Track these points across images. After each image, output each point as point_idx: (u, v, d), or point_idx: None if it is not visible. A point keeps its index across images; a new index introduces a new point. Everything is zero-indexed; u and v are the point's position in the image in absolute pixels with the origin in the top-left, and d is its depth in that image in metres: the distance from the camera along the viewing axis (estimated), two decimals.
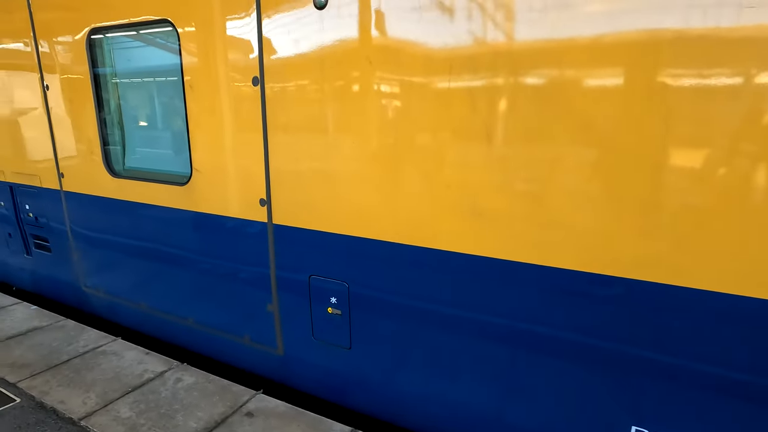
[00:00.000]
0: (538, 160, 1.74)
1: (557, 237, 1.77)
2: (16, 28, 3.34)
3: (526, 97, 1.72)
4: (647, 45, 1.49)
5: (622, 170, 1.60)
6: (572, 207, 1.71)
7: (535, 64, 1.68)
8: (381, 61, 1.99)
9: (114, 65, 3.06)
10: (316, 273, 2.46)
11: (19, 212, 3.98)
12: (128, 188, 3.11)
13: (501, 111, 1.78)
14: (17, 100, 3.60)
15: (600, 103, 1.60)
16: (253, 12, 2.28)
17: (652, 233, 1.59)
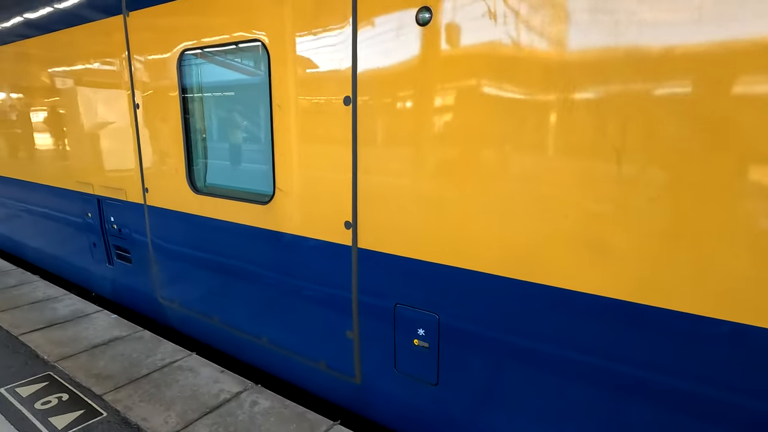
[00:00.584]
0: (691, 190, 1.50)
1: (706, 281, 1.52)
2: (112, 49, 3.52)
3: (673, 111, 1.50)
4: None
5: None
6: (736, 251, 1.46)
7: (684, 71, 1.46)
8: (490, 79, 1.84)
9: (201, 85, 3.13)
10: (403, 302, 2.33)
11: (104, 223, 4.17)
12: (210, 205, 3.15)
13: (639, 130, 1.57)
14: (108, 118, 3.79)
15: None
16: (347, 32, 2.21)
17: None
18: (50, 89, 4.32)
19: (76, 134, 4.15)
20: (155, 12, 3.12)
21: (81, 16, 3.72)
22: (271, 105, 2.62)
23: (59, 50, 4.07)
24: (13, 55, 4.67)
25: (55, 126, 4.41)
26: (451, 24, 1.91)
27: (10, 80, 4.85)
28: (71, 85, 4.05)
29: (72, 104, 4.13)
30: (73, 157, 4.28)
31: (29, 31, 4.34)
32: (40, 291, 4.52)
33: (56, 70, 4.17)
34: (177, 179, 3.31)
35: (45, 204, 4.89)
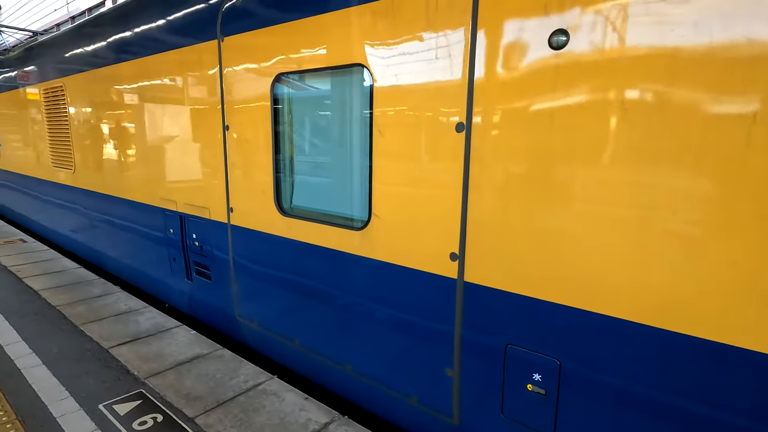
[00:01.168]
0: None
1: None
2: (204, 73, 3.62)
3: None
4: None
5: None
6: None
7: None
8: (638, 107, 1.68)
9: (294, 108, 3.14)
10: (516, 342, 2.16)
11: (186, 240, 4.28)
12: (297, 228, 3.13)
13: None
14: (196, 139, 3.90)
15: None
16: (464, 57, 2.12)
17: None
18: (139, 110, 4.53)
19: (163, 153, 4.31)
20: (251, 37, 3.18)
21: (174, 42, 3.87)
22: (371, 129, 2.57)
23: (150, 73, 4.26)
24: (105, 77, 4.96)
25: (141, 145, 4.61)
26: (588, 46, 1.76)
27: (101, 101, 5.15)
28: (160, 106, 4.22)
29: (160, 125, 4.30)
30: (158, 174, 4.45)
31: (122, 55, 4.59)
32: (122, 302, 4.70)
33: (146, 93, 4.36)
34: (264, 201, 3.33)
35: (128, 218, 5.12)
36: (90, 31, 5.23)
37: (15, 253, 6.52)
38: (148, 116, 4.44)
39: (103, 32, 4.90)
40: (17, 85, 7.53)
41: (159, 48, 4.06)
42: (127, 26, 4.49)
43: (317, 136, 3.07)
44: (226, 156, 3.59)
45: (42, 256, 6.41)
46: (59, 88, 6.07)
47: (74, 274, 5.61)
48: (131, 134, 4.74)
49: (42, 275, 5.54)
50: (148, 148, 4.52)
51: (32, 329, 3.99)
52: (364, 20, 2.50)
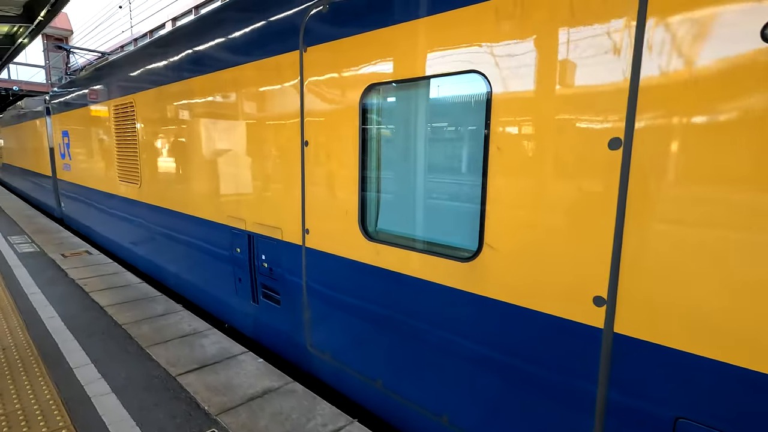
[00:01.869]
0: None
1: None
2: (283, 85, 3.41)
3: None
4: None
5: None
6: None
7: None
8: None
9: (387, 123, 2.84)
10: (693, 417, 1.69)
11: (254, 260, 4.06)
12: (386, 255, 2.80)
13: None
14: (269, 155, 3.69)
15: None
16: (626, 56, 1.72)
17: None
18: (209, 126, 4.42)
19: (232, 170, 4.15)
20: (338, 46, 2.93)
21: (250, 55, 3.71)
22: (486, 145, 2.21)
23: (222, 88, 4.13)
24: (175, 93, 4.91)
25: (210, 161, 4.48)
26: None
27: (170, 116, 5.12)
28: (231, 122, 4.07)
29: (229, 141, 4.15)
30: (226, 192, 4.28)
31: (193, 70, 4.51)
32: (185, 323, 4.54)
33: (217, 108, 4.24)
34: (346, 223, 3.03)
35: (192, 234, 5.01)
36: (161, 47, 5.24)
37: (82, 266, 6.62)
38: (217, 132, 4.31)
39: (175, 48, 4.87)
40: (88, 103, 7.81)
41: (233, 62, 3.92)
42: (199, 41, 4.41)
43: (413, 152, 2.75)
44: (303, 173, 3.34)
45: (106, 270, 6.47)
46: (129, 104, 6.16)
47: (138, 290, 5.57)
48: (199, 150, 4.63)
49: (107, 290, 5.53)
50: (217, 164, 4.38)
51: (100, 350, 3.87)
52: (482, 20, 2.16)
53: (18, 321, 4.42)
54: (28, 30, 14.93)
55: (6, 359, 3.63)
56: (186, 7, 25.82)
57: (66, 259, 6.97)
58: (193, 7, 25.30)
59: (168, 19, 27.87)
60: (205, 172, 4.59)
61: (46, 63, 35.61)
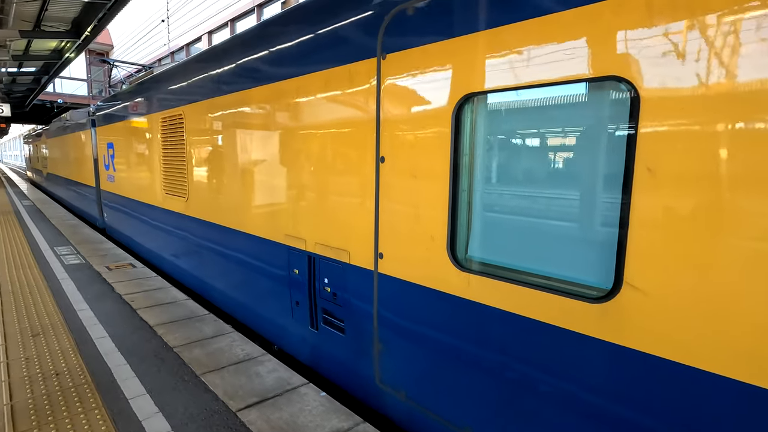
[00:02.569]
0: None
1: None
2: (357, 97, 3.14)
3: None
4: None
5: None
6: None
7: None
8: None
9: (487, 137, 2.50)
10: None
11: (314, 283, 3.78)
12: (482, 287, 2.45)
13: None
14: (336, 170, 3.41)
15: None
16: None
17: None
18: (266, 139, 4.19)
19: (292, 186, 3.90)
20: (427, 51, 2.62)
21: (317, 64, 3.46)
22: (630, 166, 1.84)
23: (283, 99, 3.90)
24: (229, 104, 4.74)
25: (266, 176, 4.25)
26: None
27: (222, 129, 4.95)
28: (292, 135, 3.83)
29: (290, 155, 3.91)
30: (284, 209, 4.03)
31: (251, 80, 4.31)
32: (237, 346, 4.29)
33: (277, 120, 4.01)
34: (431, 248, 2.70)
35: (244, 252, 4.78)
36: (215, 58, 5.10)
37: (127, 280, 6.53)
38: (275, 146, 4.08)
39: (231, 58, 4.70)
40: (134, 115, 7.82)
41: (297, 72, 3.68)
42: (259, 50, 4.21)
43: (523, 170, 2.40)
44: (378, 193, 3.04)
45: (151, 284, 6.35)
46: (177, 116, 6.05)
47: (185, 308, 5.38)
48: (254, 165, 4.41)
49: (154, 307, 5.37)
50: (274, 180, 4.14)
51: (154, 377, 3.64)
52: (628, 13, 1.81)
53: (69, 341, 4.27)
54: (75, 45, 15.45)
55: (60, 387, 3.44)
56: (222, 21, 26.44)
57: (111, 272, 6.91)
58: (228, 21, 25.88)
59: (204, 32, 28.61)
60: (261, 188, 4.37)
61: (88, 77, 37.19)
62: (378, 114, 2.98)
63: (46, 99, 32.82)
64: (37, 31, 13.65)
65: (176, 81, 6.10)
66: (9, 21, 12.39)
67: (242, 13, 24.62)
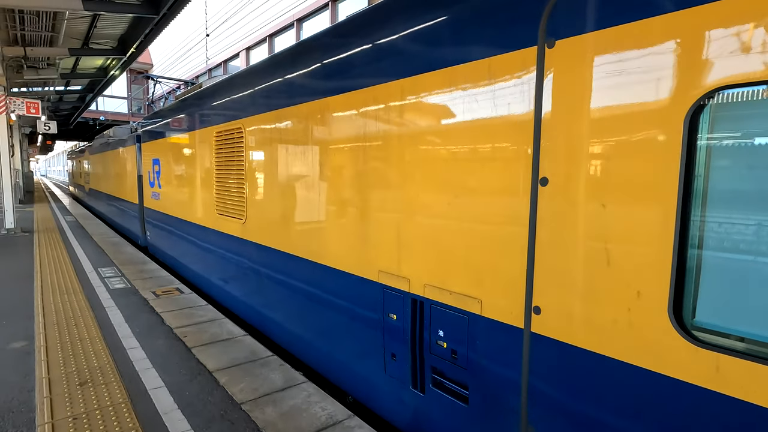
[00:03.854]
0: None
1: None
2: (499, 97, 2.40)
3: None
4: None
5: None
6: None
7: None
8: None
9: (747, 146, 1.71)
10: None
11: (421, 334, 3.02)
12: (740, 375, 1.62)
13: None
14: (465, 193, 2.67)
15: None
16: None
17: None
18: (355, 153, 3.51)
19: (393, 210, 3.17)
20: (635, 32, 1.86)
21: (439, 58, 2.76)
22: None
23: (381, 106, 3.21)
24: (304, 115, 4.10)
25: (353, 197, 3.56)
26: None
27: (294, 143, 4.31)
28: (394, 148, 3.12)
29: (388, 173, 3.20)
30: (379, 238, 3.31)
31: (335, 86, 3.66)
32: (316, 404, 3.54)
33: (371, 131, 3.32)
34: (638, 308, 1.90)
35: (319, 286, 4.08)
36: (285, 63, 4.50)
37: (176, 309, 5.95)
38: (369, 162, 3.38)
39: (306, 62, 4.08)
40: (183, 130, 7.38)
41: (405, 71, 2.99)
42: (345, 50, 3.56)
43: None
44: (535, 224, 2.27)
45: (203, 315, 5.73)
46: (235, 130, 5.50)
47: (243, 347, 4.70)
48: (337, 184, 3.73)
49: (210, 345, 4.72)
50: (367, 202, 3.44)
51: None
52: None
53: (122, 392, 3.64)
54: (121, 62, 15.56)
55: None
56: (260, 36, 26.65)
57: (158, 300, 6.36)
58: (267, 36, 26.03)
59: (242, 49, 28.96)
60: (345, 213, 3.67)
61: (129, 95, 38.38)
62: (537, 122, 2.22)
63: (89, 117, 33.94)
64: (85, 48, 13.76)
65: (235, 91, 5.56)
66: (59, 39, 12.47)
67: (281, 28, 24.71)
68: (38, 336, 4.83)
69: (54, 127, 19.47)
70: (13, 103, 12.46)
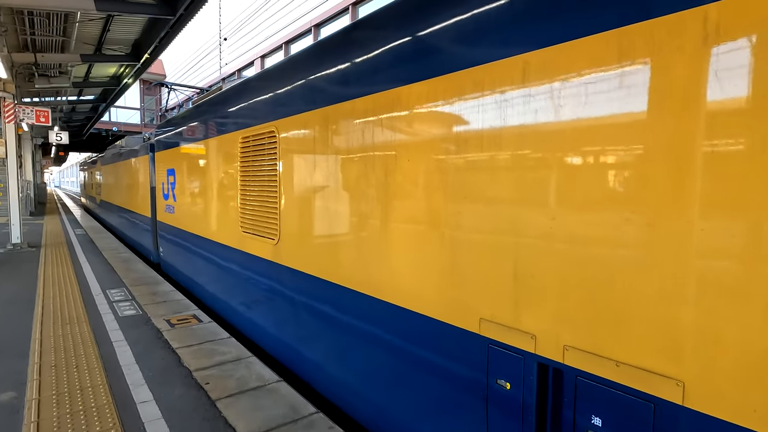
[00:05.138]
0: None
1: None
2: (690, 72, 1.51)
3: None
4: None
5: None
6: None
7: None
8: None
9: None
10: None
11: (557, 415, 2.10)
12: None
13: None
14: (636, 212, 1.78)
15: None
16: None
17: None
18: (448, 157, 2.64)
19: (509, 231, 2.28)
20: None
21: (581, 20, 1.89)
22: None
23: (482, 92, 2.35)
24: (361, 110, 3.25)
25: (438, 217, 2.68)
26: None
27: (349, 146, 3.46)
28: (512, 152, 2.25)
29: (506, 183, 2.32)
30: (483, 273, 2.41)
31: (411, 71, 2.81)
32: None
33: (471, 127, 2.45)
34: None
35: (387, 328, 3.18)
36: (336, 49, 3.67)
37: (194, 343, 5.08)
38: (466, 169, 2.50)
39: (369, 44, 3.24)
40: (204, 136, 6.59)
41: (522, 46, 2.12)
42: (427, 24, 2.71)
43: None
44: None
45: (226, 351, 4.85)
46: (267, 134, 4.67)
47: (279, 397, 3.80)
48: (415, 198, 2.85)
49: (238, 395, 3.83)
50: (458, 221, 2.55)
51: None
52: None
53: None
54: (134, 69, 14.99)
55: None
56: (276, 44, 26.17)
57: (173, 330, 5.50)
58: (283, 43, 25.53)
59: (257, 56, 28.51)
60: (425, 235, 2.78)
61: (142, 105, 38.24)
62: None
63: (102, 128, 33.73)
64: (98, 54, 13.18)
65: (269, 89, 4.75)
66: (71, 44, 11.88)
67: (297, 34, 24.16)
68: (31, 385, 3.98)
69: (66, 137, 19.01)
70: (23, 112, 11.88)
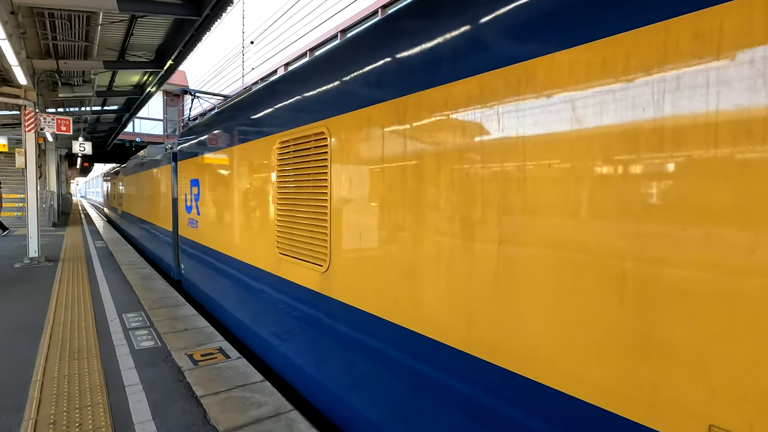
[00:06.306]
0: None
1: None
2: None
3: None
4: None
5: None
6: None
7: None
8: None
9: None
10: None
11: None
12: None
13: None
14: None
15: None
16: None
17: None
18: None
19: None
20: None
21: None
22: None
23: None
24: (442, 101, 2.35)
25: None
26: None
27: (429, 150, 2.56)
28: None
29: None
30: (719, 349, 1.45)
31: (511, 52, 1.90)
32: None
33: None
34: None
35: (504, 399, 2.23)
36: (413, 22, 2.80)
37: (222, 389, 4.20)
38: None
39: (454, 17, 2.35)
40: (235, 141, 5.81)
41: None
42: None
43: None
44: None
45: (260, 401, 3.95)
46: (315, 136, 3.82)
47: None
48: (568, 225, 1.91)
49: None
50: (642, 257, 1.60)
51: None
52: None
53: None
54: (158, 77, 14.54)
55: None
56: (300, 51, 25.76)
57: (197, 370, 4.64)
58: (308, 50, 25.10)
59: (281, 65, 28.16)
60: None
61: (164, 116, 38.48)
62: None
63: (125, 138, 33.93)
64: (121, 61, 12.73)
65: (316, 81, 3.90)
66: (94, 49, 11.41)
67: (323, 41, 23.65)
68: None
69: (89, 147, 18.76)
70: (43, 120, 11.43)
